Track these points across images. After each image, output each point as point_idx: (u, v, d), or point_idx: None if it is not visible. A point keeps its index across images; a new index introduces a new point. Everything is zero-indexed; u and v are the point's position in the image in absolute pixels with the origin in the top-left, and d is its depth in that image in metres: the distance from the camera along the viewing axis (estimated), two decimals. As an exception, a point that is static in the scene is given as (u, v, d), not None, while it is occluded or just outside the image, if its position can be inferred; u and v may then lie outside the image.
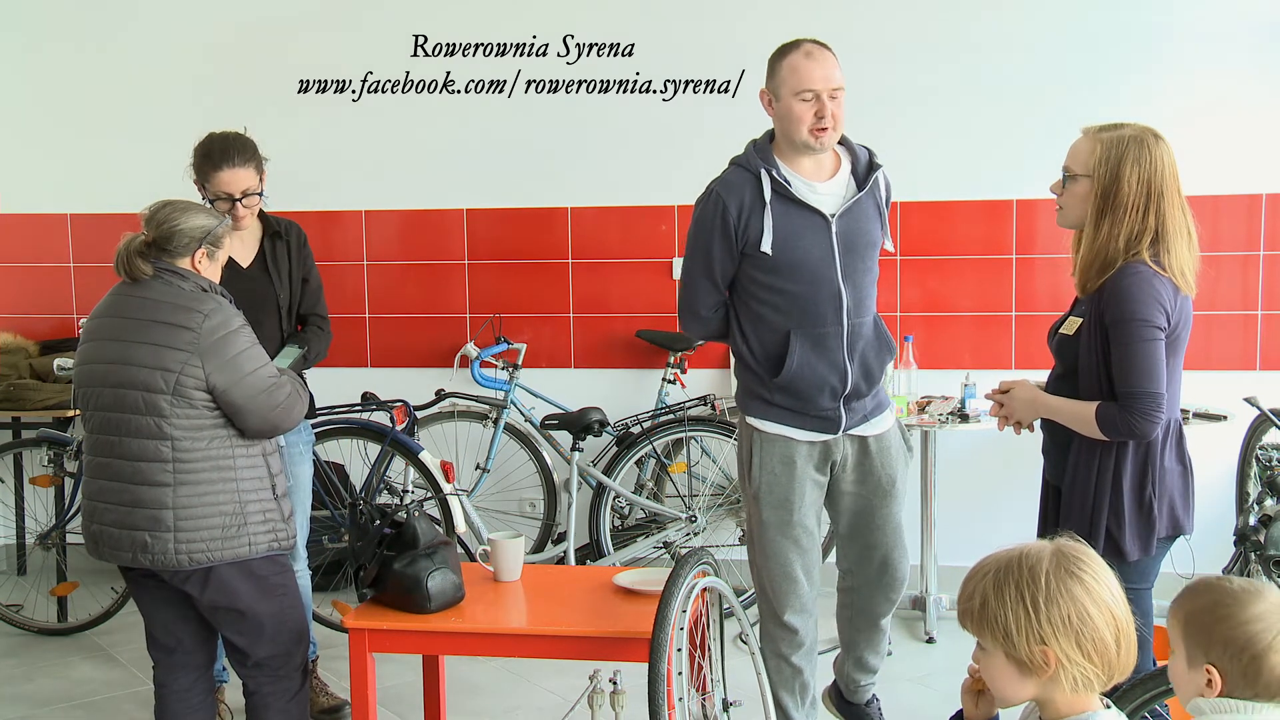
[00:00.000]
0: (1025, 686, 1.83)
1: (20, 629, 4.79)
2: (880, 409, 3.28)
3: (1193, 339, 5.01)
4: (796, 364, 3.10)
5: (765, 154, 3.11)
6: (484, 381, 5.09)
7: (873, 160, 3.19)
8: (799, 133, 3.05)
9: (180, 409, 2.87)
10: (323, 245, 5.02)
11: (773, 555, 3.22)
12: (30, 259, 5.56)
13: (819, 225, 3.08)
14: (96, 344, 2.96)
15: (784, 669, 3.30)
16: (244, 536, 2.94)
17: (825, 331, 3.11)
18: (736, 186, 3.09)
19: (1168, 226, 2.72)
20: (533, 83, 5.16)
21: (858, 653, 3.44)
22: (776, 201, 3.07)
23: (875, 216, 3.19)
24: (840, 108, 3.06)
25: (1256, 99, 4.77)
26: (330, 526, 4.58)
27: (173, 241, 2.95)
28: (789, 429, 3.16)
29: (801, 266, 3.07)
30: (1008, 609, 1.79)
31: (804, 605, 3.26)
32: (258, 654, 3.03)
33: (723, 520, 5.01)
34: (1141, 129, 2.76)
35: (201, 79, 5.30)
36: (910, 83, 4.91)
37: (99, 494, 2.96)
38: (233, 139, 3.59)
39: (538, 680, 4.19)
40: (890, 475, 3.27)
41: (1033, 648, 1.78)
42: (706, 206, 3.13)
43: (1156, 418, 2.68)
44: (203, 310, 2.89)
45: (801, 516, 3.19)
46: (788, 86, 3.05)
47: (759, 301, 3.13)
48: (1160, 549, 2.81)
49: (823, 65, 3.03)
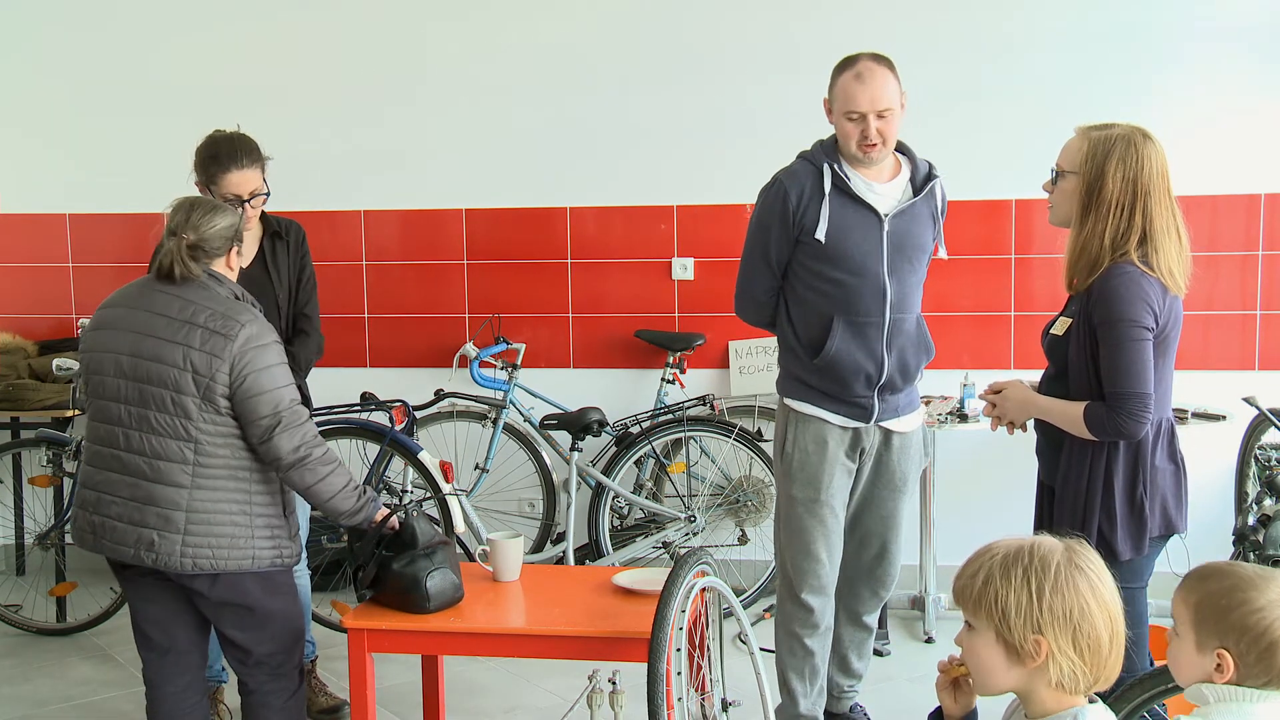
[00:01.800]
0: (1009, 674, 1.82)
1: (19, 629, 4.79)
2: (912, 407, 3.41)
3: (1192, 339, 5.02)
4: (836, 347, 3.23)
5: (830, 151, 3.27)
6: (483, 381, 5.09)
7: (931, 171, 3.34)
8: (848, 146, 3.22)
9: (208, 414, 2.86)
10: (322, 245, 5.02)
11: (797, 532, 3.31)
12: (29, 259, 5.56)
13: (872, 222, 3.23)
14: (115, 333, 2.92)
15: (796, 649, 3.35)
16: (249, 549, 2.93)
17: (867, 321, 3.24)
18: (799, 176, 3.25)
19: (1155, 226, 2.73)
20: (531, 83, 5.17)
21: (841, 651, 3.49)
22: (835, 194, 3.22)
23: (929, 223, 3.33)
24: (890, 125, 3.19)
25: (1256, 99, 4.77)
26: (330, 526, 4.58)
27: (211, 244, 2.95)
28: (824, 412, 3.29)
29: (850, 257, 3.22)
30: (1011, 590, 1.79)
31: (822, 585, 3.33)
32: (259, 651, 3.02)
33: (722, 520, 5.01)
34: (1131, 128, 2.78)
35: (201, 79, 5.30)
36: (909, 83, 4.89)
37: (105, 485, 2.92)
38: (238, 140, 3.59)
39: (537, 680, 4.19)
40: (904, 473, 3.39)
41: (1027, 634, 1.78)
42: (770, 193, 3.29)
43: (1144, 418, 2.69)
44: (241, 320, 2.88)
45: (829, 496, 3.29)
46: (839, 104, 3.21)
47: (806, 287, 3.27)
48: (1153, 548, 2.82)
49: (870, 88, 3.15)
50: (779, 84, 4.91)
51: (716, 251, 5.07)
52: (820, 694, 3.40)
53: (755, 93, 5.01)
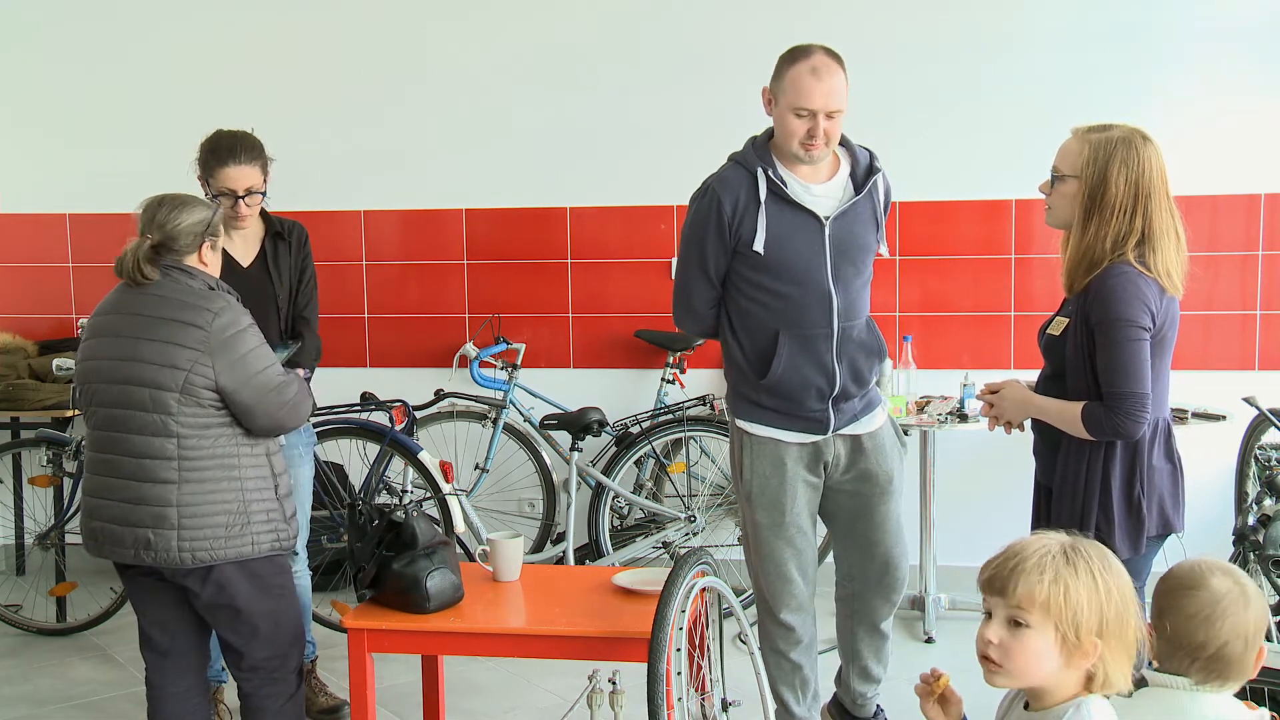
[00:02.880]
0: (1053, 672, 1.80)
1: (19, 629, 4.79)
2: (870, 408, 3.27)
3: (1192, 339, 5.02)
4: (784, 365, 3.10)
5: (763, 153, 3.11)
6: (483, 381, 5.09)
7: (873, 163, 3.18)
8: (789, 144, 3.06)
9: (188, 407, 2.87)
10: (322, 245, 5.00)
11: (767, 556, 3.23)
12: (29, 259, 5.56)
13: (812, 227, 3.08)
14: (100, 340, 2.95)
15: (783, 664, 3.31)
16: (247, 535, 2.93)
17: (814, 334, 3.11)
18: (733, 184, 3.10)
19: (1155, 228, 2.74)
20: (531, 83, 5.17)
21: (861, 662, 3.41)
22: (771, 201, 3.07)
23: (871, 221, 3.18)
24: (836, 127, 3.04)
25: (1256, 99, 4.77)
26: (329, 526, 4.58)
27: (179, 241, 2.95)
28: (778, 431, 3.17)
29: (792, 267, 3.07)
30: (1083, 589, 1.78)
31: (800, 604, 3.26)
32: (254, 655, 3.02)
33: (722, 520, 5.01)
34: (1130, 130, 2.77)
35: (200, 79, 5.30)
36: (909, 83, 4.91)
37: (101, 490, 2.95)
38: (240, 137, 3.60)
39: (537, 680, 4.19)
40: (887, 471, 3.27)
41: (1089, 633, 1.78)
42: (702, 202, 3.13)
43: (1141, 418, 2.70)
44: (212, 309, 2.89)
45: (794, 517, 3.20)
46: (787, 98, 3.04)
47: (749, 300, 3.14)
48: (1151, 547, 2.82)
49: (824, 85, 2.99)
50: (779, 84, 4.91)
51: (716, 251, 5.07)
52: (815, 698, 3.38)
53: (755, 93, 4.97)
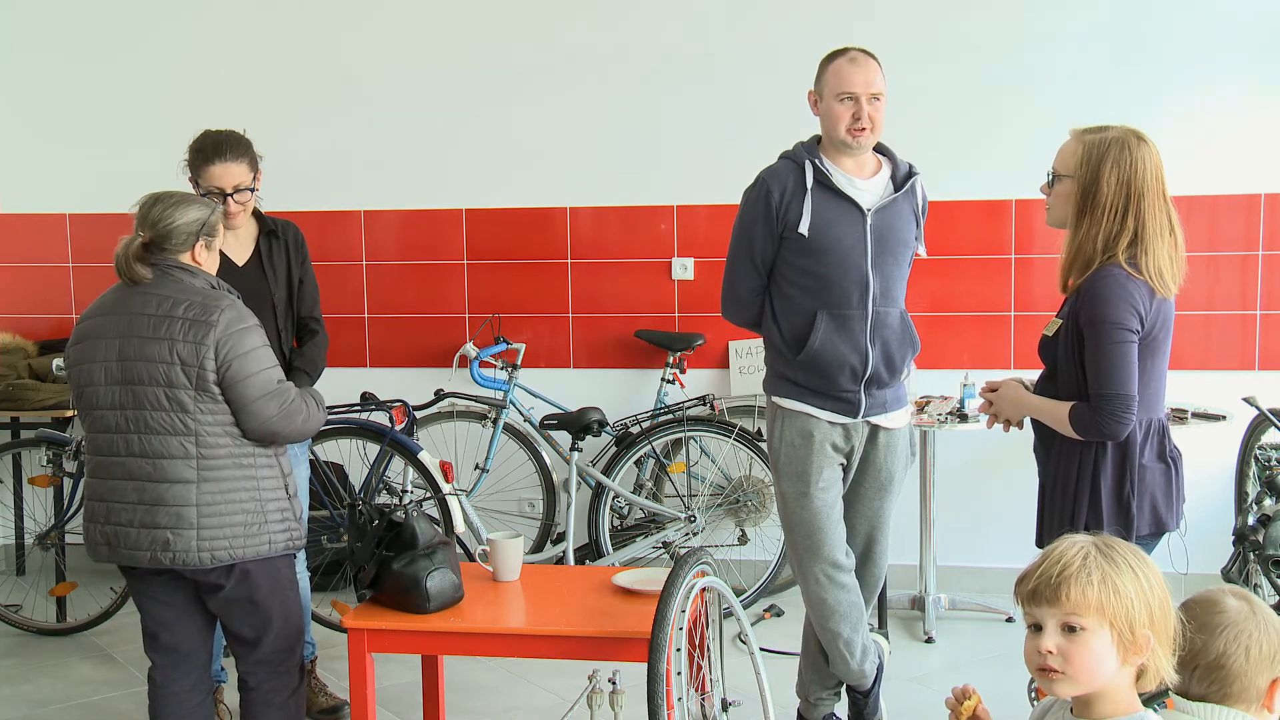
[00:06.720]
0: (1112, 673, 1.80)
1: (19, 629, 4.79)
2: (899, 403, 3.40)
3: (1192, 339, 5.02)
4: (820, 341, 3.24)
5: (811, 149, 3.31)
6: (483, 381, 5.09)
7: (911, 170, 3.37)
8: (838, 131, 3.23)
9: (205, 403, 2.87)
10: (322, 245, 5.02)
11: (797, 524, 3.31)
12: (29, 259, 5.56)
13: (855, 216, 3.25)
14: (95, 343, 2.93)
15: (841, 601, 3.29)
16: (264, 534, 2.95)
17: (850, 314, 3.26)
18: (781, 174, 3.29)
19: (1148, 228, 2.75)
20: (531, 83, 5.17)
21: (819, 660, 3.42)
22: (817, 190, 3.25)
23: (911, 218, 3.36)
24: (879, 112, 3.24)
25: (1255, 100, 4.77)
26: (329, 527, 4.58)
27: (172, 239, 2.94)
28: (810, 407, 3.30)
29: (833, 250, 3.24)
30: (1130, 586, 1.79)
31: (838, 548, 3.28)
32: (265, 647, 3.04)
33: (722, 520, 5.01)
34: (1125, 131, 2.80)
35: (200, 80, 5.30)
36: (910, 83, 4.90)
37: (112, 494, 2.92)
38: (226, 135, 3.60)
39: (537, 680, 4.19)
40: (890, 472, 3.37)
41: (1140, 628, 1.78)
42: (753, 191, 3.32)
43: (1126, 419, 2.72)
44: (220, 306, 2.90)
45: (819, 490, 3.28)
46: (830, 88, 3.24)
47: (790, 283, 3.29)
48: (1144, 546, 2.83)
49: (864, 71, 3.21)
50: (780, 84, 4.90)
51: (716, 251, 5.07)
52: (865, 653, 3.37)
53: (755, 93, 5.01)
